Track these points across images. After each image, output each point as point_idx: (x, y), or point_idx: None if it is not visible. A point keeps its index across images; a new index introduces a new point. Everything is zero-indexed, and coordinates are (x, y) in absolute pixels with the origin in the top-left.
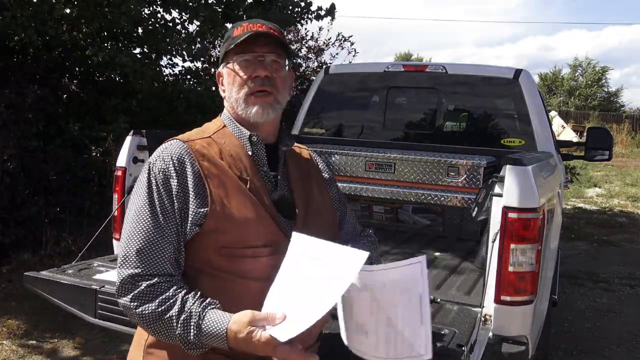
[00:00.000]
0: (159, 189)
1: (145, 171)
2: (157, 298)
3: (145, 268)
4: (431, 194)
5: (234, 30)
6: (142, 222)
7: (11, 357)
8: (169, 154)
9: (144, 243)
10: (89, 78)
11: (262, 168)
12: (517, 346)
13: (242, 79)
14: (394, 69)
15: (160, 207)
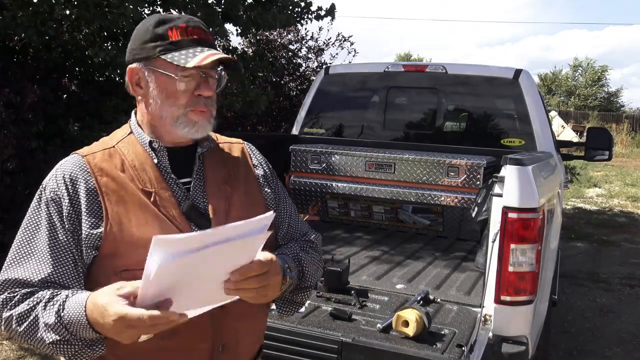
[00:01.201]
0: (50, 213)
1: (38, 193)
2: (24, 301)
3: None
4: (431, 194)
5: (167, 29)
6: (32, 249)
7: (11, 357)
8: (61, 173)
9: (30, 273)
10: (89, 78)
11: (170, 176)
12: (517, 346)
13: (182, 95)
14: (394, 69)
15: (50, 232)
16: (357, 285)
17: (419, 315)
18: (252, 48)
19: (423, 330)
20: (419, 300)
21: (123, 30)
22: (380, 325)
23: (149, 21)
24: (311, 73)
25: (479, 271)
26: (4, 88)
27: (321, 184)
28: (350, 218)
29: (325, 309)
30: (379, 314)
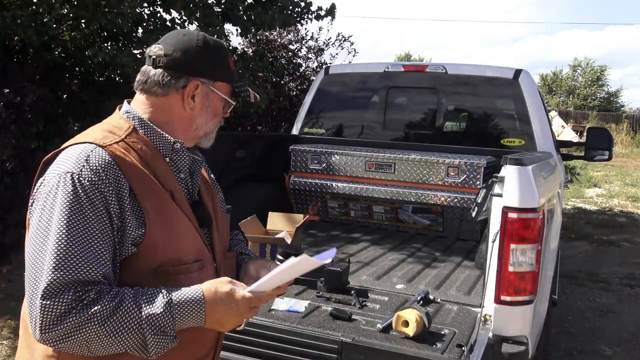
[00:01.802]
0: (94, 205)
1: (68, 182)
2: (104, 297)
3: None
4: (431, 194)
5: (229, 59)
6: (86, 243)
7: (11, 357)
8: (96, 163)
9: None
10: (89, 78)
11: (180, 175)
12: (517, 346)
13: (219, 114)
14: (394, 69)
15: (99, 225)
16: (357, 285)
17: (419, 315)
18: (252, 48)
19: (423, 330)
20: (419, 300)
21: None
22: (380, 325)
23: (214, 43)
24: (311, 73)
25: (479, 271)
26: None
27: (321, 184)
28: (350, 218)
29: (325, 309)
30: (379, 314)
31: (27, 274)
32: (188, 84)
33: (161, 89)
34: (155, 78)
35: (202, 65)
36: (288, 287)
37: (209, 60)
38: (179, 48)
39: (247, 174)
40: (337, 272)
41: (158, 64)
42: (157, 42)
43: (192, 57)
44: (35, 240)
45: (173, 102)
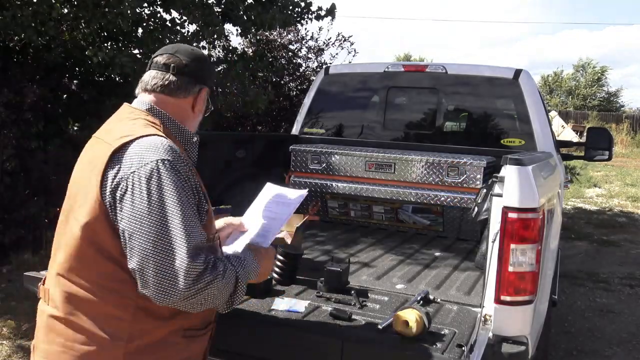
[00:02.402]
0: (188, 181)
1: (167, 167)
2: (218, 258)
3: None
4: (431, 194)
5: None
6: (193, 217)
7: (11, 357)
8: (175, 150)
9: (202, 238)
10: (89, 78)
11: (194, 166)
12: (517, 346)
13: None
14: (394, 69)
15: (192, 198)
16: (357, 285)
17: (419, 315)
18: (252, 48)
19: (423, 330)
20: (419, 300)
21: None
22: (380, 325)
23: (207, 57)
24: (311, 73)
25: (479, 271)
26: (4, 88)
27: (321, 184)
28: (350, 218)
29: (325, 309)
30: (379, 314)
31: (149, 247)
32: (201, 90)
33: (183, 92)
34: (176, 82)
35: (208, 76)
36: (288, 287)
37: (211, 71)
38: (194, 59)
39: (247, 174)
40: (337, 272)
41: (175, 70)
42: (168, 51)
43: (203, 68)
44: (151, 217)
45: (187, 103)
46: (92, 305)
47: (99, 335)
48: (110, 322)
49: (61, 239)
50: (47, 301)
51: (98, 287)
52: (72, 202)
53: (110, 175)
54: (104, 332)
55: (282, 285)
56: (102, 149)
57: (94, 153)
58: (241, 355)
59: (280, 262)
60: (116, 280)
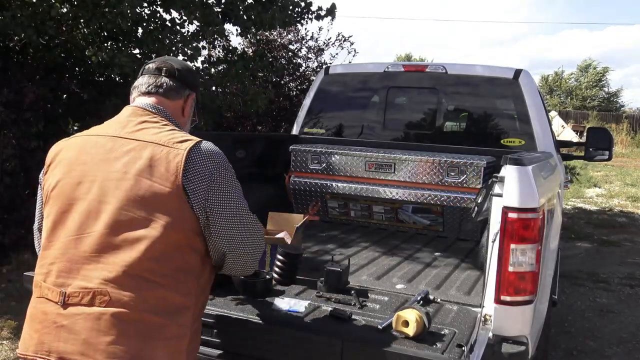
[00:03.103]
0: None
1: (227, 167)
2: None
3: None
4: (431, 194)
5: None
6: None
7: (11, 357)
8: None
9: None
10: (88, 78)
11: None
12: (517, 346)
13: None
14: (394, 69)
15: None
16: (357, 285)
17: (419, 315)
18: (252, 48)
19: (423, 330)
20: (419, 300)
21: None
22: (380, 325)
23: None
24: (311, 73)
25: (479, 271)
26: (4, 88)
27: (321, 184)
28: (350, 218)
29: (325, 309)
30: (379, 314)
31: (241, 231)
32: (189, 95)
33: (174, 94)
34: (170, 84)
35: (195, 83)
36: (288, 287)
37: (197, 80)
38: (184, 68)
39: (247, 174)
40: (337, 272)
41: (171, 74)
42: (158, 59)
43: (193, 77)
44: (237, 208)
45: (179, 106)
46: (164, 297)
47: (172, 326)
48: (180, 313)
49: (103, 238)
50: (104, 303)
51: (171, 278)
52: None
53: (190, 175)
54: (176, 323)
55: (282, 285)
56: (164, 151)
57: (146, 154)
58: (241, 355)
59: (280, 262)
60: (189, 270)
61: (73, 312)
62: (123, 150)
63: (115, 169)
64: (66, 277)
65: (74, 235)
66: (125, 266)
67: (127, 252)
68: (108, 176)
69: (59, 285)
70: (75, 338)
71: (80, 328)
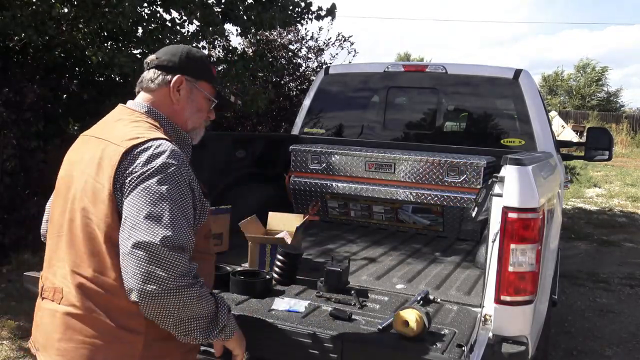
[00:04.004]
0: (192, 189)
1: (169, 169)
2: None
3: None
4: (431, 194)
5: (211, 67)
6: (188, 218)
7: (11, 357)
8: (181, 156)
9: (190, 235)
10: (88, 78)
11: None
12: (517, 346)
13: (206, 112)
14: (394, 69)
15: (192, 205)
16: (357, 285)
17: (419, 315)
18: (252, 48)
19: (423, 330)
20: (419, 300)
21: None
22: (380, 325)
23: (197, 52)
24: (311, 73)
25: (479, 271)
26: (4, 88)
27: (321, 184)
28: (350, 218)
29: (325, 309)
30: (379, 314)
31: (141, 234)
32: (173, 78)
33: (153, 83)
34: (148, 76)
35: (186, 66)
36: (288, 287)
37: (193, 62)
38: (167, 53)
39: (247, 174)
40: (337, 272)
41: (149, 66)
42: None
43: (177, 59)
44: (148, 208)
45: (163, 96)
46: (110, 300)
47: (119, 330)
48: (129, 317)
49: (67, 237)
50: (59, 300)
51: (115, 282)
52: (74, 200)
53: (121, 175)
54: (123, 327)
55: (282, 285)
56: (110, 150)
57: (98, 153)
58: None
59: (280, 262)
60: None
61: (43, 306)
62: (91, 150)
63: (82, 169)
64: (47, 272)
65: (56, 234)
66: (71, 263)
67: (73, 250)
68: (79, 177)
69: (42, 279)
70: (42, 331)
71: (45, 322)
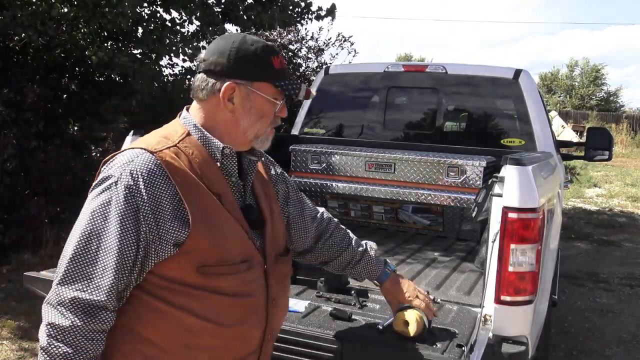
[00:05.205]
0: (126, 209)
1: (108, 186)
2: (74, 347)
3: (94, 294)
4: (431, 194)
5: (271, 57)
6: (103, 244)
7: (11, 357)
8: (137, 168)
9: (99, 267)
10: (89, 78)
11: (231, 179)
12: (517, 346)
13: (270, 117)
14: (394, 69)
15: (123, 229)
16: (357, 285)
17: (419, 315)
18: None
19: (423, 330)
20: None
21: (122, 30)
22: (381, 325)
23: (252, 44)
24: (311, 73)
25: (479, 271)
26: (4, 88)
27: (321, 184)
28: (350, 218)
29: (325, 309)
30: (379, 314)
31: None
32: (223, 86)
33: (202, 93)
34: (197, 83)
35: (236, 67)
36: None
37: (246, 61)
38: (215, 52)
39: None
40: None
41: (199, 70)
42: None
43: (226, 60)
44: (76, 227)
45: (214, 105)
46: None
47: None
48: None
49: None
50: None
51: None
52: None
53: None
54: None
55: None
56: None
57: None
58: None
59: None
60: None
61: None
62: None
63: None
64: None
65: None
66: None
67: None
68: None
69: None
70: None
71: None
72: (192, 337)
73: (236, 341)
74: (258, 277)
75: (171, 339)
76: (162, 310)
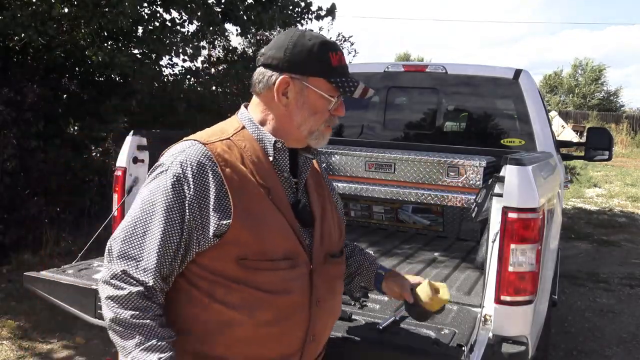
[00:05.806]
0: (173, 197)
1: (159, 173)
2: (138, 309)
3: (141, 275)
4: (431, 194)
5: (329, 53)
6: (150, 228)
7: (11, 357)
8: (187, 158)
9: (145, 250)
10: (88, 78)
11: (283, 174)
12: (517, 346)
13: (324, 113)
14: (394, 69)
15: (169, 216)
16: None
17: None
18: (252, 48)
19: (443, 308)
20: None
21: (122, 29)
22: (381, 325)
23: (310, 39)
24: None
25: (479, 271)
26: (4, 88)
27: None
28: (350, 218)
29: None
30: (379, 314)
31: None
32: (277, 80)
33: (259, 87)
34: (255, 76)
35: (292, 62)
36: None
37: (302, 55)
38: (274, 46)
39: None
40: None
41: (258, 63)
42: None
43: (282, 54)
44: (132, 211)
45: (270, 99)
46: None
47: None
48: None
49: None
50: None
51: None
52: None
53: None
54: None
55: None
56: None
57: None
58: None
59: None
60: None
61: None
62: None
63: None
64: None
65: None
66: None
67: None
68: None
69: None
70: None
71: None
72: (229, 330)
73: (273, 339)
74: (301, 276)
75: (209, 331)
76: (202, 302)
